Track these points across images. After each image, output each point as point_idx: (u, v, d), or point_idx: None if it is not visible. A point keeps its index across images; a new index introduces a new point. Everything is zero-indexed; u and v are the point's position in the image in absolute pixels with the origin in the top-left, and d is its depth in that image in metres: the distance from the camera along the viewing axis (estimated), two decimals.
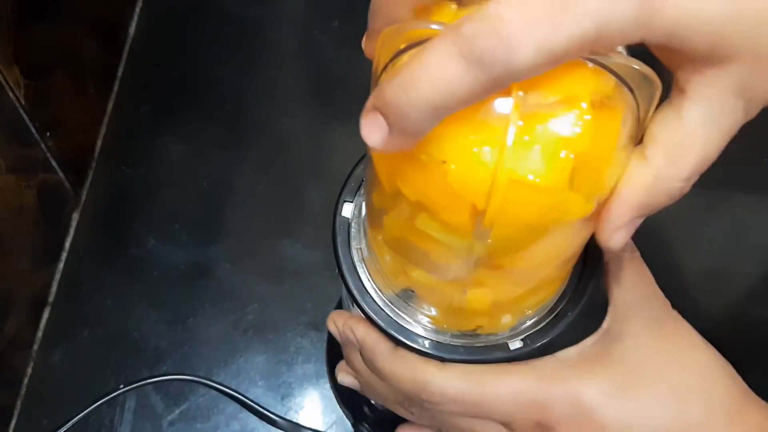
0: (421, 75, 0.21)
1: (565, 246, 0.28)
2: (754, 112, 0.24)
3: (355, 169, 0.35)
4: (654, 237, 0.55)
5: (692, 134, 0.24)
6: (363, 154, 0.35)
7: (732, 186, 0.36)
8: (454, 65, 0.20)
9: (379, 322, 0.32)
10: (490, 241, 0.25)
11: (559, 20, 0.19)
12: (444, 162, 0.23)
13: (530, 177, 0.23)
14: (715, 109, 0.23)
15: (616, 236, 0.26)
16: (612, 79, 0.23)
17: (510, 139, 0.22)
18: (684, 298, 0.56)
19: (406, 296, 0.32)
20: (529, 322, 0.32)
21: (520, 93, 0.22)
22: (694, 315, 0.54)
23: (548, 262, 0.28)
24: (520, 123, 0.22)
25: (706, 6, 0.21)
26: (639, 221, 0.26)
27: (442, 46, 0.20)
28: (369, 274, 0.33)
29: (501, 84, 0.20)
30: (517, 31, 0.19)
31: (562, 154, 0.23)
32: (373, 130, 0.22)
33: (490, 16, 0.19)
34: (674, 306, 0.62)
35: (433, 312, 0.32)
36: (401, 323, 0.32)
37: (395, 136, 0.22)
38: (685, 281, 0.56)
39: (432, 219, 0.25)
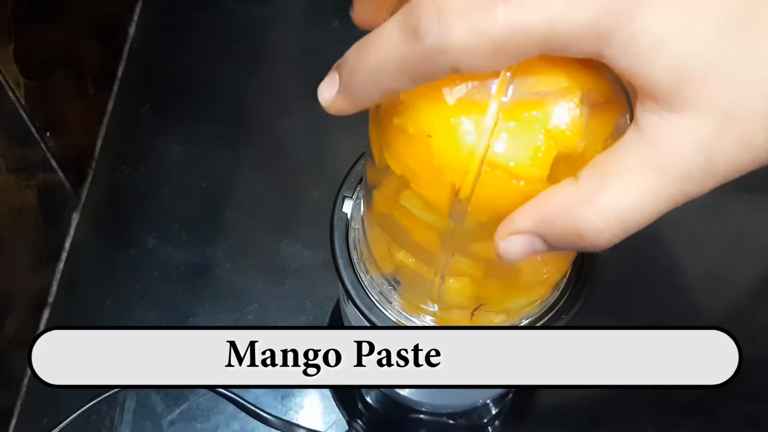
0: (373, 39, 0.22)
1: None
2: (711, 182, 0.21)
3: (354, 165, 0.35)
4: (655, 237, 0.55)
5: (629, 177, 0.21)
6: (363, 152, 0.35)
7: (732, 186, 0.35)
8: (396, 33, 0.21)
9: (372, 318, 0.32)
10: (466, 224, 0.25)
11: (501, 10, 0.19)
12: (429, 136, 0.23)
13: (508, 162, 0.23)
14: (664, 162, 0.20)
15: (510, 241, 0.23)
16: (609, 79, 0.23)
17: (491, 118, 0.22)
18: (684, 298, 0.56)
19: (394, 282, 0.32)
20: (524, 322, 0.32)
21: (508, 74, 0.22)
22: (694, 315, 0.54)
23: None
24: (504, 100, 0.22)
25: (678, 40, 0.19)
26: (537, 244, 0.23)
27: (396, 17, 0.21)
28: (365, 269, 0.33)
29: (435, 60, 0.20)
30: (455, 11, 0.19)
31: (545, 145, 0.23)
32: (326, 88, 0.24)
33: None
34: (675, 306, 0.62)
35: (422, 306, 0.32)
36: (395, 320, 0.32)
37: (341, 96, 0.23)
38: (686, 281, 0.56)
39: (414, 195, 0.26)
